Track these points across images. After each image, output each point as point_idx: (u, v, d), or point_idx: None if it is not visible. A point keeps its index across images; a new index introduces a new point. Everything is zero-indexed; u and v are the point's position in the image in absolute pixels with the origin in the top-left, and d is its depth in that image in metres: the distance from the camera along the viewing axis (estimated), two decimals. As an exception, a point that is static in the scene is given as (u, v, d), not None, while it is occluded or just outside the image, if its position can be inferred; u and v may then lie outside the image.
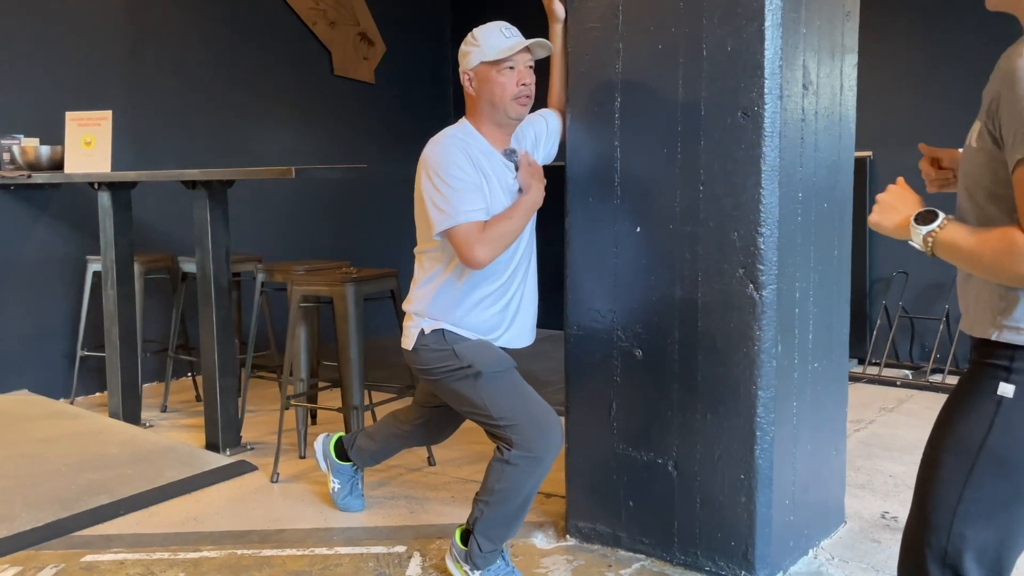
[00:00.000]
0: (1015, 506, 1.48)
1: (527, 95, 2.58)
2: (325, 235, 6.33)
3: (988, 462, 1.47)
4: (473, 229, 2.45)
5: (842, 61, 2.85)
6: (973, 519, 1.49)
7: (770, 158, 2.48)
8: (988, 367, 1.50)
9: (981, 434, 1.48)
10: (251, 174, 3.75)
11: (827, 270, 2.83)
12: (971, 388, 1.53)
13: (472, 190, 2.48)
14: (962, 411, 1.53)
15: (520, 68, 2.56)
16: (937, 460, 1.55)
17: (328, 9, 6.30)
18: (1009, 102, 1.38)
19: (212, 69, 5.62)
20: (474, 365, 2.56)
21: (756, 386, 2.54)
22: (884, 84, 5.42)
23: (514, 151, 2.67)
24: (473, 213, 2.46)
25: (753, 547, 2.59)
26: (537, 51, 2.62)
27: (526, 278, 2.72)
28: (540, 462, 2.53)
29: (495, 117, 2.60)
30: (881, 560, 2.81)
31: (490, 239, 2.46)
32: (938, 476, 1.54)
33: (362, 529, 3.11)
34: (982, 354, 1.53)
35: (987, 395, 1.48)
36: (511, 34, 2.58)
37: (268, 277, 4.05)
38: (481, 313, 2.63)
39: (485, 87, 2.57)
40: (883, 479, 3.56)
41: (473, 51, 2.58)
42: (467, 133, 2.62)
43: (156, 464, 3.69)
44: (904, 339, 5.65)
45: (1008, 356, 1.47)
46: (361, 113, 6.60)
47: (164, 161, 5.21)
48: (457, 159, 2.50)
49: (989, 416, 1.47)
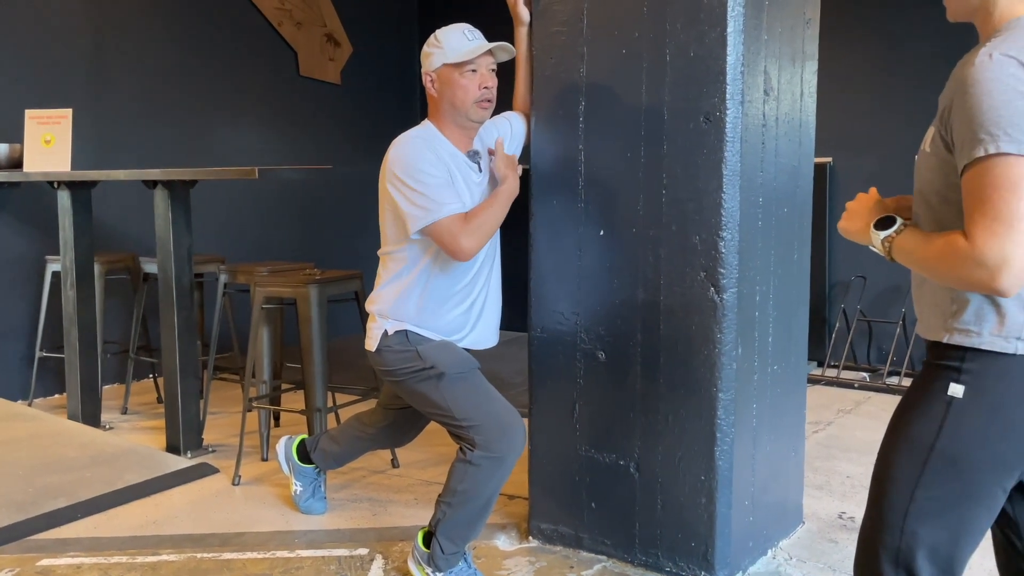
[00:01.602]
0: (965, 505, 1.51)
1: (488, 98, 2.59)
2: (289, 236, 6.29)
3: (939, 462, 1.50)
4: (456, 221, 2.46)
5: (803, 67, 2.90)
6: (925, 518, 1.52)
7: (731, 163, 2.51)
8: (939, 368, 1.53)
9: (932, 434, 1.50)
10: (214, 174, 3.72)
11: (787, 274, 2.87)
12: (923, 389, 1.55)
13: (445, 185, 2.49)
14: (914, 412, 1.55)
15: (482, 71, 2.57)
16: (890, 460, 1.57)
17: (294, 9, 6.26)
18: (960, 108, 1.40)
19: (175, 68, 5.56)
20: (437, 366, 2.56)
21: (717, 388, 2.57)
22: (844, 91, 5.50)
23: (477, 152, 2.68)
24: (452, 206, 2.47)
25: (713, 547, 2.62)
26: (499, 54, 2.63)
27: (489, 279, 2.73)
28: (502, 462, 2.54)
29: (457, 119, 2.60)
30: (838, 560, 2.86)
31: (474, 229, 2.47)
32: (891, 476, 1.56)
33: (324, 532, 3.10)
34: (934, 356, 1.56)
35: (938, 396, 1.51)
36: (474, 36, 2.59)
37: (231, 278, 4.02)
38: (445, 314, 2.63)
39: (447, 89, 2.58)
40: (840, 480, 3.62)
41: (436, 52, 2.59)
42: (430, 135, 2.62)
43: (115, 467, 3.65)
44: (862, 342, 5.74)
45: (958, 357, 1.50)
46: (327, 114, 6.57)
47: (126, 161, 5.14)
48: (426, 156, 2.50)
49: (940, 416, 1.50)
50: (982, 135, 1.36)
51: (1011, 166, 1.34)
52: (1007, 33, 1.46)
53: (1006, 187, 1.34)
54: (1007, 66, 1.37)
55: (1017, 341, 1.46)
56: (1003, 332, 1.46)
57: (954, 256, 1.40)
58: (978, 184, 1.37)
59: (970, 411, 1.48)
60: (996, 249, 1.34)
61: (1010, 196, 1.33)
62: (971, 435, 1.48)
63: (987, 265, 1.35)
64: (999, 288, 1.36)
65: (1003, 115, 1.35)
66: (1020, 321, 1.46)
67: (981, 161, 1.36)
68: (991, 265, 1.34)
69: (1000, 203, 1.34)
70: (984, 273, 1.36)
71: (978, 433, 1.48)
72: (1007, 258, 1.33)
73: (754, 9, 2.55)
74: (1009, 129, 1.34)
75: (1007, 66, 1.37)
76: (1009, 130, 1.34)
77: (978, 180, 1.37)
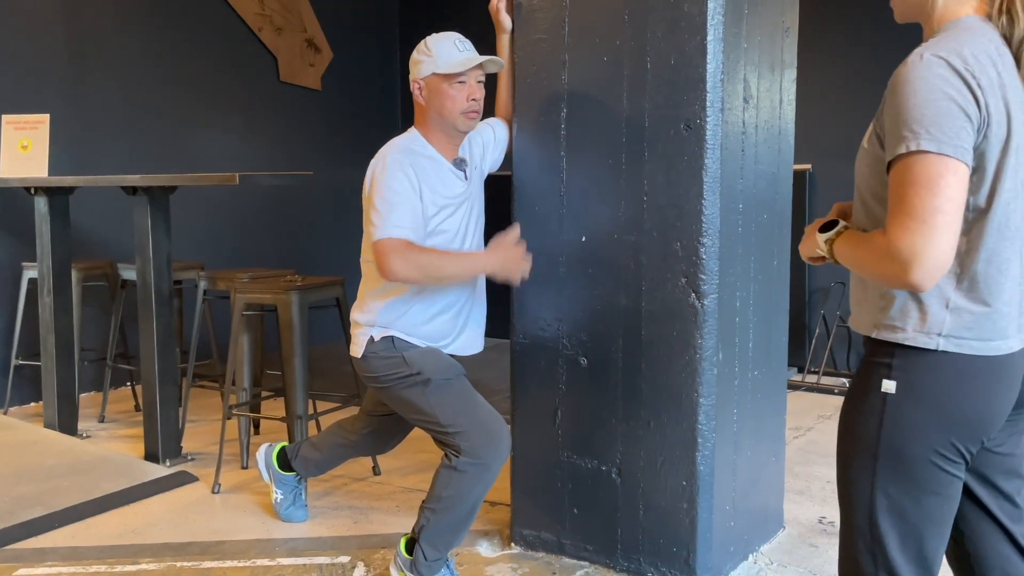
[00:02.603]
0: (921, 497, 1.53)
1: (476, 110, 2.59)
2: (270, 243, 6.26)
3: (887, 459, 1.52)
4: (397, 244, 2.43)
5: (781, 76, 2.92)
6: (888, 515, 1.54)
7: (712, 170, 2.52)
8: (873, 365, 1.55)
9: (875, 432, 1.53)
10: (194, 180, 3.70)
11: (767, 280, 2.89)
12: (860, 387, 1.57)
13: (403, 206, 2.47)
14: (856, 411, 1.57)
15: (471, 83, 2.57)
16: (845, 462, 1.60)
17: (274, 15, 6.25)
18: (889, 106, 1.44)
19: (154, 74, 5.52)
20: (423, 372, 2.56)
21: (698, 393, 2.58)
22: (823, 99, 5.55)
23: (463, 160, 2.68)
24: (398, 229, 2.45)
25: (695, 553, 2.63)
26: (489, 66, 2.64)
27: (475, 287, 2.73)
28: (488, 469, 2.53)
29: (443, 128, 2.61)
30: (818, 564, 2.87)
31: (414, 262, 2.43)
32: (849, 478, 1.59)
33: (305, 540, 3.08)
34: (869, 352, 1.58)
35: (874, 393, 1.53)
36: (465, 48, 2.59)
37: (211, 285, 3.99)
38: (432, 321, 2.63)
39: (435, 98, 2.58)
40: (820, 485, 3.64)
41: (425, 61, 2.59)
42: (416, 143, 2.62)
43: (93, 475, 3.61)
44: (841, 348, 5.78)
45: (889, 353, 1.52)
46: (307, 120, 6.55)
47: (104, 166, 5.10)
48: (396, 176, 2.49)
49: (878, 413, 1.52)
50: (905, 132, 1.39)
51: (929, 163, 1.37)
52: (944, 34, 1.49)
53: (921, 183, 1.37)
54: (935, 66, 1.40)
55: (939, 337, 1.48)
56: (925, 328, 1.49)
57: (874, 252, 1.44)
58: (898, 181, 1.41)
59: (904, 405, 1.50)
60: (909, 243, 1.37)
61: (924, 192, 1.37)
62: (909, 429, 1.50)
63: (900, 259, 1.38)
64: (912, 282, 1.39)
65: (926, 114, 1.38)
66: (941, 318, 1.49)
67: (902, 158, 1.40)
68: (903, 260, 1.37)
69: (915, 199, 1.37)
70: (897, 267, 1.39)
71: (915, 426, 1.50)
72: (919, 252, 1.36)
73: (733, 18, 2.57)
74: (931, 128, 1.37)
75: (935, 66, 1.40)
76: (931, 129, 1.37)
77: (898, 177, 1.41)
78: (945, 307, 1.49)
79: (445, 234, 2.59)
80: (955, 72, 1.40)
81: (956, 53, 1.42)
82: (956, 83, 1.39)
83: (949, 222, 1.37)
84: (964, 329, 1.49)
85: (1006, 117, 1.45)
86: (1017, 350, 1.54)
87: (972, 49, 1.43)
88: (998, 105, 1.43)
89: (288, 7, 6.36)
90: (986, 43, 1.46)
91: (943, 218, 1.37)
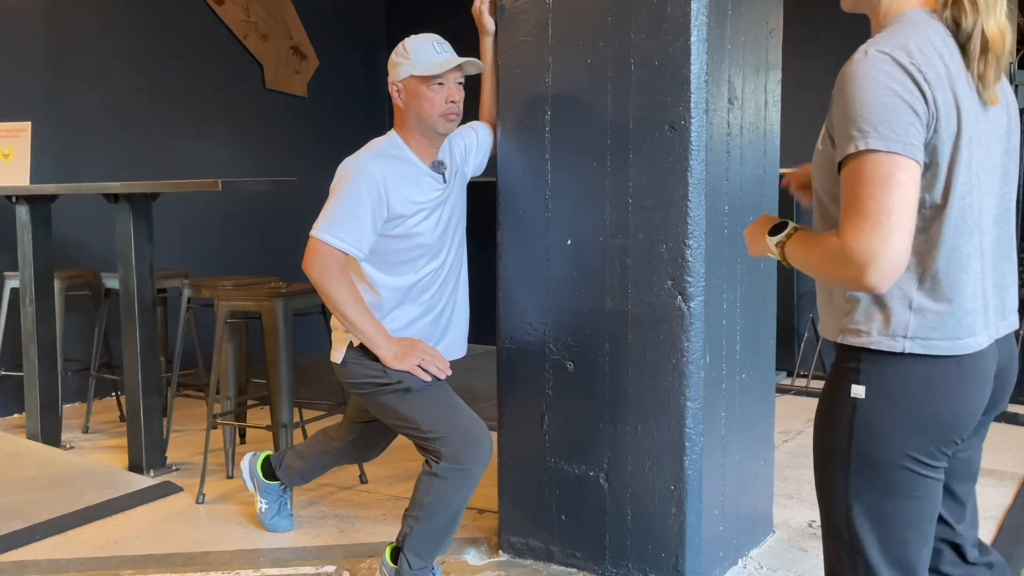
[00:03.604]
0: (897, 501, 1.50)
1: (455, 112, 2.57)
2: (255, 250, 6.22)
3: (859, 464, 1.50)
4: (334, 256, 2.44)
5: (766, 77, 2.91)
6: (866, 521, 1.51)
7: (697, 171, 2.51)
8: (841, 370, 1.53)
9: (846, 439, 1.50)
10: (176, 187, 3.67)
11: (753, 282, 2.87)
12: (831, 393, 1.55)
13: (354, 219, 2.45)
14: (827, 418, 1.56)
15: (450, 85, 2.55)
16: (821, 470, 1.57)
17: (260, 22, 6.22)
18: (837, 105, 1.41)
19: (138, 81, 5.49)
20: (403, 380, 2.53)
21: (685, 397, 2.56)
22: (810, 101, 5.54)
23: (442, 163, 2.66)
24: (340, 241, 2.44)
25: (684, 558, 2.60)
26: (468, 68, 2.62)
27: (456, 290, 2.71)
28: (470, 474, 2.51)
29: (422, 130, 2.59)
30: (808, 568, 2.85)
31: (333, 284, 2.44)
32: (825, 485, 1.56)
33: (290, 550, 3.04)
34: (837, 358, 1.55)
35: (844, 399, 1.51)
36: (443, 49, 2.57)
37: (195, 293, 3.96)
38: (412, 326, 2.61)
39: (413, 101, 2.56)
40: (810, 489, 3.60)
41: (403, 63, 2.57)
42: (394, 146, 2.60)
43: (76, 487, 3.56)
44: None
45: (856, 358, 1.50)
46: (293, 127, 6.52)
47: (87, 175, 5.06)
48: (364, 182, 2.47)
49: (849, 419, 1.50)
50: (853, 132, 1.36)
51: (879, 163, 1.35)
52: (889, 29, 1.46)
53: (873, 183, 1.35)
54: (880, 63, 1.38)
55: (904, 340, 1.46)
56: (889, 331, 1.46)
57: (830, 255, 1.41)
58: (849, 181, 1.38)
59: (874, 410, 1.48)
60: (864, 245, 1.34)
61: (877, 192, 1.34)
62: (880, 433, 1.48)
63: (855, 261, 1.35)
64: (869, 283, 1.36)
65: (873, 111, 1.35)
66: (905, 319, 1.46)
67: (852, 158, 1.37)
68: (859, 261, 1.35)
69: (867, 199, 1.35)
70: (853, 269, 1.36)
71: (886, 430, 1.47)
72: (874, 253, 1.34)
73: (717, 19, 2.55)
74: (879, 126, 1.35)
75: (880, 63, 1.38)
76: (879, 127, 1.35)
77: (849, 177, 1.38)
78: (908, 308, 1.46)
79: (420, 236, 2.57)
80: (900, 67, 1.37)
81: (901, 47, 1.39)
82: (902, 78, 1.37)
83: (903, 221, 1.35)
84: (929, 329, 1.46)
85: (955, 110, 1.41)
86: (986, 347, 1.51)
87: (917, 42, 1.40)
88: (947, 98, 1.40)
89: (274, 14, 6.34)
90: (932, 35, 1.43)
91: (896, 218, 1.34)
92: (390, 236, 2.54)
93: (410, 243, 2.56)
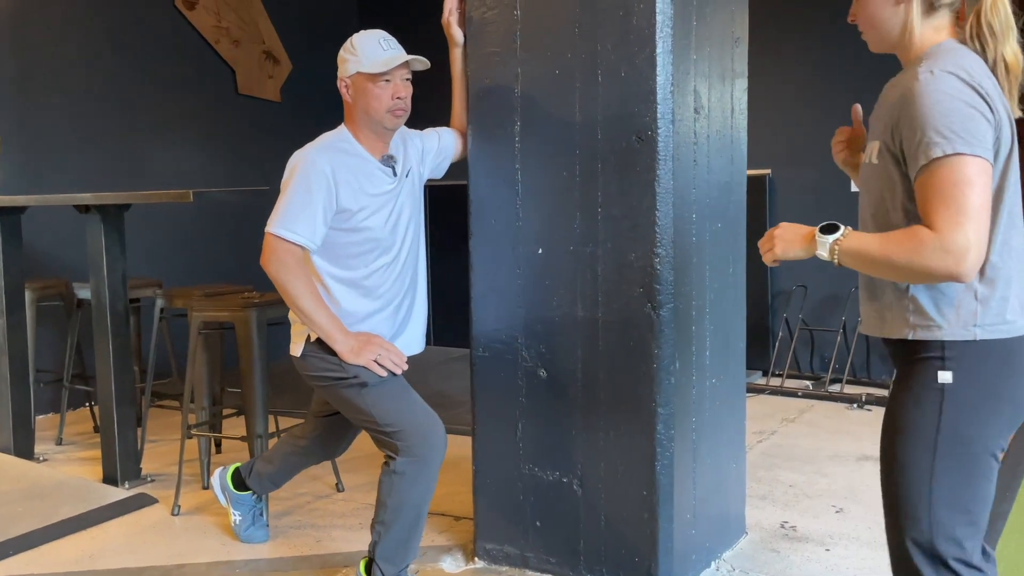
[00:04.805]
0: (976, 483, 1.64)
1: (402, 108, 2.60)
2: (228, 257, 6.18)
3: (947, 447, 1.62)
4: (291, 251, 2.48)
5: (732, 85, 2.94)
6: (945, 504, 1.63)
7: (664, 180, 2.54)
8: (921, 362, 1.65)
9: (934, 423, 1.63)
10: (147, 198, 3.65)
11: (722, 288, 2.91)
12: (910, 385, 1.67)
13: (306, 212, 2.49)
14: (910, 408, 1.66)
15: (396, 81, 2.58)
16: (899, 460, 1.68)
17: (232, 27, 6.19)
18: (910, 119, 1.57)
19: (109, 89, 5.45)
20: (359, 375, 2.55)
21: (656, 403, 2.59)
22: (779, 104, 5.61)
23: (392, 157, 2.68)
24: (294, 235, 2.48)
25: (657, 562, 2.63)
26: (415, 65, 2.63)
27: (414, 287, 2.74)
28: (425, 464, 2.54)
29: (371, 125, 2.62)
30: (781, 569, 2.89)
31: (286, 276, 2.48)
32: (905, 473, 1.67)
33: (266, 561, 3.05)
34: (908, 352, 1.68)
35: (929, 386, 1.64)
36: (389, 46, 2.59)
37: (168, 303, 3.94)
38: (368, 320, 2.63)
39: (361, 97, 2.59)
40: (783, 489, 3.67)
41: (351, 60, 2.59)
42: (343, 140, 2.64)
43: (49, 500, 3.55)
44: (804, 351, 5.83)
45: (936, 348, 1.64)
46: (267, 132, 6.49)
47: (57, 185, 5.02)
48: (312, 176, 2.50)
49: (937, 405, 1.63)
50: (938, 139, 1.53)
51: (967, 164, 1.52)
52: (937, 56, 1.63)
53: (964, 182, 1.52)
54: (949, 80, 1.56)
55: (975, 328, 1.61)
56: (962, 321, 1.62)
57: (920, 247, 1.54)
58: (937, 181, 1.54)
59: (963, 393, 1.62)
60: (962, 237, 1.51)
61: (967, 190, 1.52)
62: (969, 415, 1.62)
63: (953, 252, 1.51)
64: (962, 272, 1.52)
65: (953, 121, 1.53)
66: (973, 309, 1.62)
67: (939, 161, 1.53)
68: (956, 251, 1.51)
69: (960, 197, 1.52)
70: (950, 260, 1.51)
71: (975, 412, 1.62)
72: (971, 244, 1.51)
73: (682, 30, 2.58)
74: (961, 133, 1.53)
75: (949, 80, 1.56)
76: (962, 134, 1.53)
77: (937, 178, 1.54)
78: (975, 298, 1.62)
79: (370, 231, 2.59)
80: (966, 84, 1.56)
81: (960, 68, 1.58)
82: (970, 93, 1.55)
83: (987, 218, 1.54)
84: (994, 316, 1.62)
85: (1007, 119, 1.63)
86: None
87: (970, 64, 1.60)
88: (999, 109, 1.60)
89: (246, 19, 6.31)
90: (973, 59, 1.63)
91: (984, 214, 1.53)
92: (340, 229, 2.56)
93: (360, 236, 2.58)
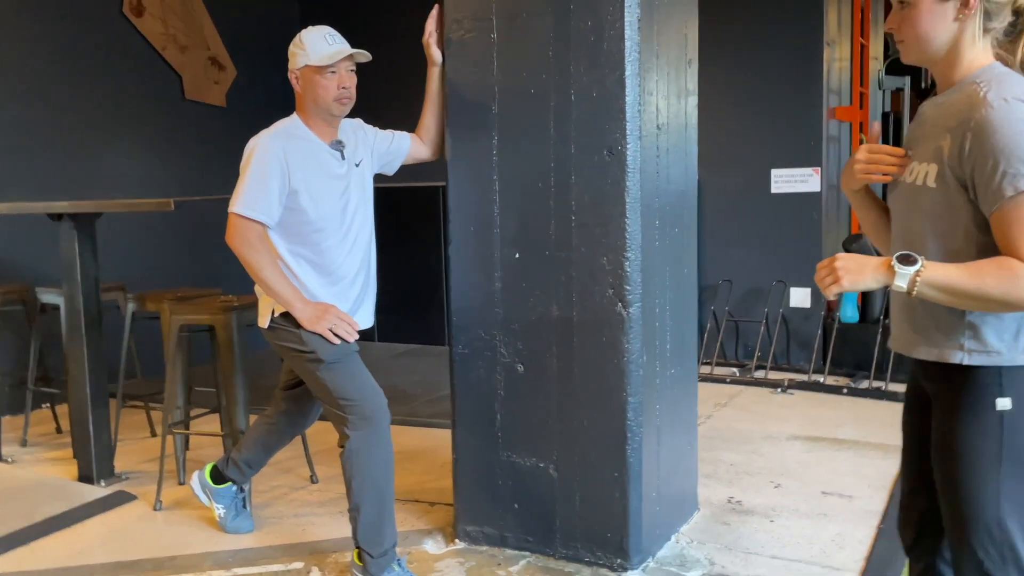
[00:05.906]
0: None
1: (348, 96, 2.85)
2: (184, 260, 6.24)
3: (1011, 465, 1.68)
4: (252, 228, 2.72)
5: (686, 102, 3.24)
6: (1015, 516, 1.70)
7: (633, 191, 2.81)
8: (974, 386, 1.70)
9: (996, 446, 1.68)
10: (126, 207, 3.76)
11: (679, 286, 3.20)
12: (964, 410, 1.71)
13: (263, 190, 2.73)
14: (971, 430, 1.70)
15: (342, 73, 2.83)
16: (965, 476, 1.72)
17: (178, 34, 6.24)
18: (985, 148, 1.58)
19: (55, 95, 5.44)
20: (317, 352, 2.78)
21: (626, 393, 2.86)
22: (706, 117, 5.98)
23: (341, 142, 2.93)
24: (254, 212, 2.72)
25: (627, 537, 2.91)
26: (358, 57, 2.87)
27: (366, 267, 2.97)
28: (374, 427, 2.78)
29: (319, 113, 2.87)
30: (732, 539, 3.21)
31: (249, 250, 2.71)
32: (975, 491, 1.72)
33: (255, 550, 3.20)
34: (960, 375, 1.70)
35: (989, 412, 1.69)
36: (334, 41, 2.84)
37: (139, 306, 4.04)
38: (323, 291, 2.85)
39: (310, 88, 2.84)
40: (726, 468, 4.00)
41: (300, 54, 2.85)
42: (295, 127, 2.88)
43: (29, 500, 3.62)
44: (730, 340, 6.23)
45: (995, 373, 1.68)
46: (213, 137, 6.54)
47: (7, 191, 5.01)
48: (267, 159, 2.74)
49: (997, 429, 1.68)
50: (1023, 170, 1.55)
51: None
52: (998, 81, 1.63)
53: None
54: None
55: None
56: (1019, 347, 1.67)
57: (1016, 280, 1.57)
58: None
59: (1021, 417, 1.68)
60: None
61: None
62: None
63: None
64: None
65: None
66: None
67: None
68: None
69: None
70: None
71: None
72: None
73: (648, 53, 2.86)
74: None
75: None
76: None
77: None
78: None
79: (319, 210, 2.81)
80: None
81: None
82: None
83: None
84: None
85: None
86: None
87: None
88: None
89: (191, 26, 6.36)
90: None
91: None
92: (293, 209, 2.79)
93: (311, 215, 2.80)
